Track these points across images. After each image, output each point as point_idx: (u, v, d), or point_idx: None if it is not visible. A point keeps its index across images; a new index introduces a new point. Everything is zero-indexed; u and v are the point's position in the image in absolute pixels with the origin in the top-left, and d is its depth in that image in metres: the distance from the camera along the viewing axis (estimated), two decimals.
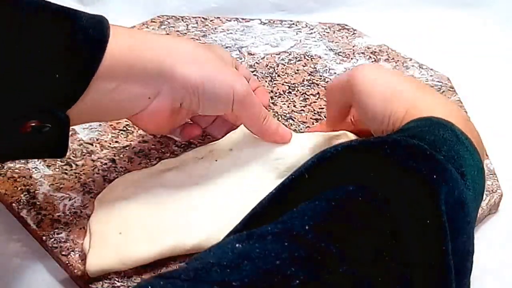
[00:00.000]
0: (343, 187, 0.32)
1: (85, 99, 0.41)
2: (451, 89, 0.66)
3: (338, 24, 0.77)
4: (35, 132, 0.40)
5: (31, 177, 0.53)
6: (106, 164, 0.54)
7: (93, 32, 0.40)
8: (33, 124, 0.39)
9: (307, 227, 0.29)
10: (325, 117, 0.61)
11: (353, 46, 0.73)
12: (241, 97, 0.46)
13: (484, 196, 0.52)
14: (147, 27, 0.74)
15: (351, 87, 0.45)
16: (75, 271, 0.45)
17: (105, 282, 0.44)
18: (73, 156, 0.55)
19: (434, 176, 0.32)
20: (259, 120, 0.48)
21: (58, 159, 0.54)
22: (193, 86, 0.44)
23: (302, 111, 0.62)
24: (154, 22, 0.76)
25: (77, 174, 0.53)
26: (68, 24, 0.40)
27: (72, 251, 0.46)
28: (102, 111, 0.44)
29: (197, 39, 0.73)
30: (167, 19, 0.76)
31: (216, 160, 0.52)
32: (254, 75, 0.67)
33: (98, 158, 0.55)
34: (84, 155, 0.55)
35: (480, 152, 0.39)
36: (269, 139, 0.50)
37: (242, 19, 0.77)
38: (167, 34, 0.73)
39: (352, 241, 0.29)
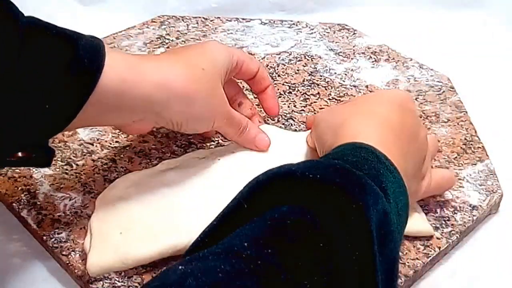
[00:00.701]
0: (278, 208, 0.34)
1: (71, 124, 0.42)
2: (451, 89, 0.66)
3: (338, 24, 0.77)
4: (23, 159, 0.43)
5: (31, 177, 0.53)
6: (106, 164, 0.54)
7: (88, 64, 0.40)
8: (21, 155, 0.42)
9: (246, 244, 0.31)
10: None
11: (353, 46, 0.73)
12: (220, 125, 0.50)
13: (485, 196, 0.52)
14: (147, 27, 0.74)
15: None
16: (76, 271, 0.45)
17: (106, 282, 0.44)
18: (74, 156, 0.55)
19: (357, 190, 0.35)
20: (235, 134, 0.52)
21: (58, 159, 0.54)
22: (176, 123, 0.47)
23: (302, 111, 0.62)
24: (154, 22, 0.76)
25: (77, 174, 0.53)
26: (67, 52, 0.40)
27: (73, 251, 0.46)
28: (85, 126, 0.51)
29: (197, 39, 0.73)
30: (167, 19, 0.76)
31: (218, 159, 0.52)
32: None
33: (99, 158, 0.55)
34: (84, 155, 0.55)
35: (429, 154, 0.47)
36: (248, 147, 0.53)
37: (243, 19, 0.77)
38: (167, 34, 0.73)
39: (289, 252, 0.31)
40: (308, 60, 0.70)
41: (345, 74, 0.68)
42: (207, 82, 0.47)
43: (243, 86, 0.59)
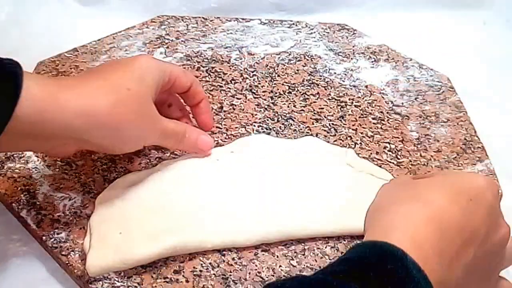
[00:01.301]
0: None
1: None
2: (451, 89, 0.66)
3: (338, 24, 0.77)
4: None
5: (31, 177, 0.52)
6: (106, 164, 0.54)
7: (2, 94, 0.39)
8: None
9: None
10: (325, 117, 0.61)
11: (353, 46, 0.73)
12: (154, 141, 0.49)
13: None
14: (147, 27, 0.74)
15: None
16: (75, 271, 0.45)
17: (105, 282, 0.44)
18: (73, 156, 0.55)
19: None
20: (175, 144, 0.51)
21: (58, 159, 0.54)
22: (102, 147, 0.46)
23: (302, 111, 0.62)
24: (154, 22, 0.76)
25: (77, 174, 0.53)
26: None
27: (72, 251, 0.46)
28: (2, 152, 0.50)
29: (197, 39, 0.73)
30: (167, 19, 0.76)
31: (217, 159, 0.52)
32: (254, 75, 0.67)
33: (98, 158, 0.55)
34: (84, 155, 0.55)
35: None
36: (191, 152, 0.53)
37: (242, 19, 0.77)
38: (167, 34, 0.73)
39: None
40: (307, 60, 0.70)
41: (345, 74, 0.68)
42: (134, 103, 0.45)
43: None
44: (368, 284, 0.33)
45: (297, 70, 0.68)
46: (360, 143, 0.58)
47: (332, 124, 0.60)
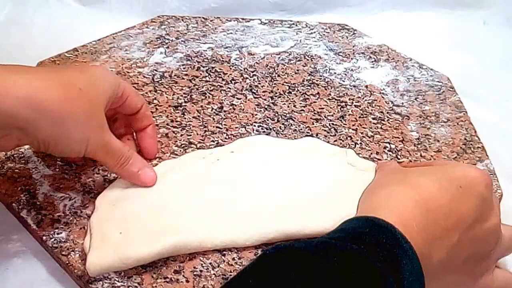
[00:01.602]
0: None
1: None
2: (451, 89, 0.66)
3: (338, 24, 0.77)
4: None
5: (31, 177, 0.52)
6: None
7: None
8: None
9: None
10: (325, 117, 0.61)
11: (353, 46, 0.73)
12: (93, 153, 0.46)
13: None
14: (147, 27, 0.74)
15: None
16: (75, 271, 0.45)
17: (105, 282, 0.44)
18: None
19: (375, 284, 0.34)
20: (115, 166, 0.48)
21: (58, 159, 0.54)
22: (44, 142, 0.43)
23: (302, 111, 0.62)
24: (154, 22, 0.76)
25: (77, 174, 0.53)
26: None
27: (72, 251, 0.46)
28: None
29: (197, 39, 0.73)
30: (167, 19, 0.76)
31: (218, 159, 0.52)
32: (254, 75, 0.67)
33: None
34: None
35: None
36: (131, 181, 0.49)
37: (242, 19, 0.77)
38: (167, 34, 0.73)
39: None
40: (308, 60, 0.70)
41: (345, 74, 0.68)
42: (84, 103, 0.44)
43: None
44: (363, 248, 0.36)
45: (297, 70, 0.68)
46: (360, 143, 0.58)
47: (332, 124, 0.60)
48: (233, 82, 0.66)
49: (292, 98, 0.64)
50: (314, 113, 0.62)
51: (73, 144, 0.44)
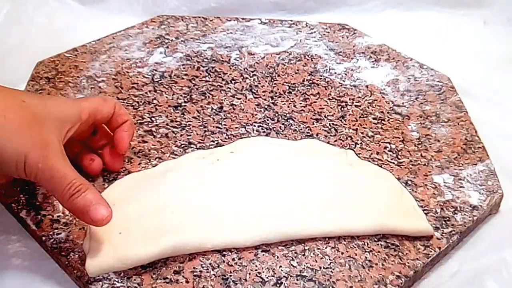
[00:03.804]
0: None
1: None
2: (451, 89, 0.66)
3: (338, 24, 0.77)
4: None
5: None
6: None
7: None
8: None
9: None
10: (325, 117, 0.61)
11: (353, 46, 0.73)
12: (34, 176, 0.41)
13: (485, 196, 0.52)
14: (146, 27, 0.74)
15: None
16: (75, 271, 0.45)
17: (105, 283, 0.44)
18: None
19: None
20: (61, 196, 0.42)
21: None
22: None
23: (302, 111, 0.62)
24: (154, 22, 0.76)
25: None
26: None
27: (72, 251, 0.46)
28: None
29: (196, 39, 0.73)
30: (167, 19, 0.76)
31: (217, 159, 0.52)
32: (254, 75, 0.67)
33: None
34: None
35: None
36: (79, 217, 0.43)
37: (242, 19, 0.77)
38: (167, 34, 0.73)
39: None
40: (308, 60, 0.70)
41: (345, 74, 0.68)
42: (25, 116, 0.41)
43: None
44: None
45: (297, 70, 0.68)
46: (361, 143, 0.58)
47: (333, 124, 0.60)
48: (233, 82, 0.66)
49: (292, 98, 0.64)
50: (314, 113, 0.61)
51: (6, 159, 0.40)
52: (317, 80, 0.67)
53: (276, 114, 0.61)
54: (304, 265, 0.46)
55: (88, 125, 0.49)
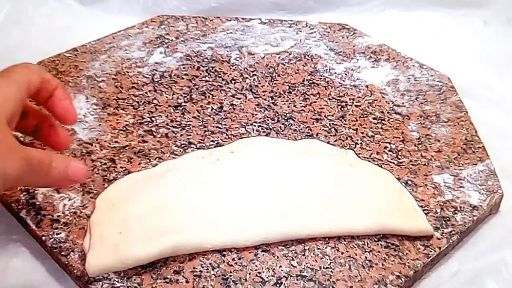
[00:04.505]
0: None
1: None
2: (451, 89, 0.66)
3: (338, 24, 0.77)
4: None
5: None
6: (105, 164, 0.54)
7: None
8: None
9: None
10: (325, 117, 0.61)
11: (353, 46, 0.73)
12: (18, 174, 0.37)
13: (485, 196, 0.52)
14: (146, 27, 0.74)
15: None
16: (75, 271, 0.45)
17: (105, 283, 0.44)
18: (73, 156, 0.54)
19: None
20: (42, 179, 0.39)
21: None
22: None
23: (302, 111, 0.62)
24: (154, 22, 0.76)
25: None
26: None
27: (72, 251, 0.46)
28: None
29: (196, 39, 0.73)
30: (167, 19, 0.76)
31: (217, 159, 0.52)
32: (254, 75, 0.67)
33: (98, 158, 0.55)
34: (83, 155, 0.55)
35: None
36: (62, 184, 0.42)
37: (242, 18, 0.77)
38: (167, 34, 0.73)
39: None
40: (308, 60, 0.70)
41: (345, 74, 0.68)
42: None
43: None
44: None
45: (297, 70, 0.68)
46: (361, 143, 0.58)
47: (333, 124, 0.60)
48: (233, 82, 0.66)
49: (292, 98, 0.64)
50: (314, 113, 0.61)
51: None
52: (317, 80, 0.67)
53: (276, 114, 0.61)
54: (304, 265, 0.46)
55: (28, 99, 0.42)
